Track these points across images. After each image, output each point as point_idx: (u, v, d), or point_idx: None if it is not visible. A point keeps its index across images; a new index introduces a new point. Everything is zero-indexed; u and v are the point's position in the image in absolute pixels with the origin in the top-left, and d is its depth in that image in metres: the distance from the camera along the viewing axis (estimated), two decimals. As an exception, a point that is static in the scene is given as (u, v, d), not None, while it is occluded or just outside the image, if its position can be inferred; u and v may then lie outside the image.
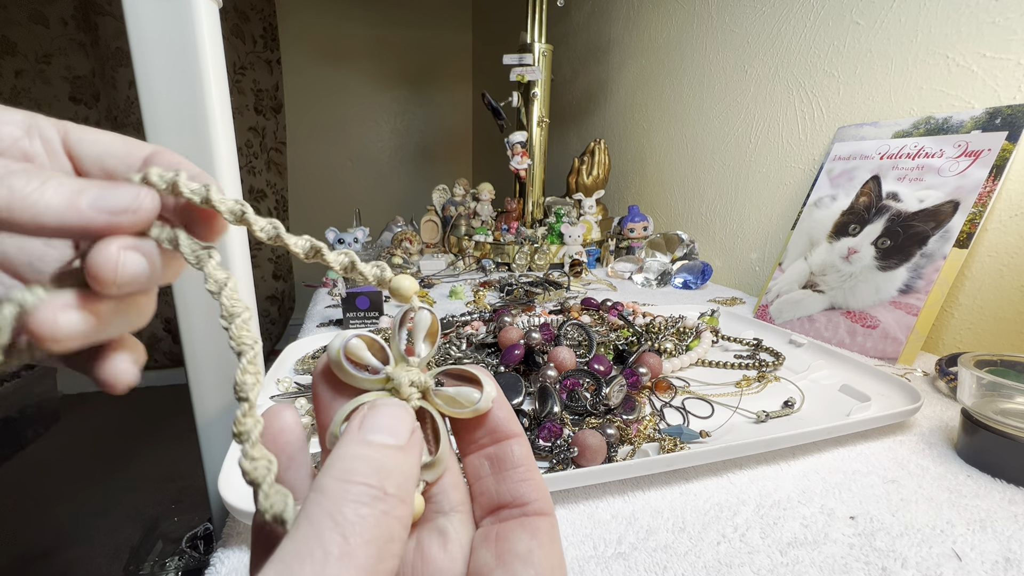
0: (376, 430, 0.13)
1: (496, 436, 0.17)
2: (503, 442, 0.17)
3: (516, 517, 0.16)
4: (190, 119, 0.40)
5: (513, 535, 0.15)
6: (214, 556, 0.29)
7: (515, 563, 0.14)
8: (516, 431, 0.17)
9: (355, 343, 0.16)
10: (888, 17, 0.67)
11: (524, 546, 0.15)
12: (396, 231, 1.03)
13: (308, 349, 0.55)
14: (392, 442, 0.13)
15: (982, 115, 0.57)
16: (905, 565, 0.28)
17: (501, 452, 0.16)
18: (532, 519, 0.16)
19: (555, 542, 0.15)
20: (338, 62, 2.30)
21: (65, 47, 1.75)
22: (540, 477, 0.17)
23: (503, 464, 0.16)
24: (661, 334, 0.57)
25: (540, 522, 0.16)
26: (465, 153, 2.65)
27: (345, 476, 0.12)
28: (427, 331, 0.17)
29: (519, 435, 0.17)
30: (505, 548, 0.15)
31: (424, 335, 0.17)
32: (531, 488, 0.16)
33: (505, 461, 0.16)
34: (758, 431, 0.41)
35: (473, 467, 0.17)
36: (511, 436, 0.17)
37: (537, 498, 0.16)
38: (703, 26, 1.00)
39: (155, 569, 0.82)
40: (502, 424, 0.17)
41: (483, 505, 0.16)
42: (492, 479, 0.16)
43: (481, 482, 0.17)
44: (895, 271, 0.59)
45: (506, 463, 0.16)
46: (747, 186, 0.92)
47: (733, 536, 0.30)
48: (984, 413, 0.37)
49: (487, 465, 0.17)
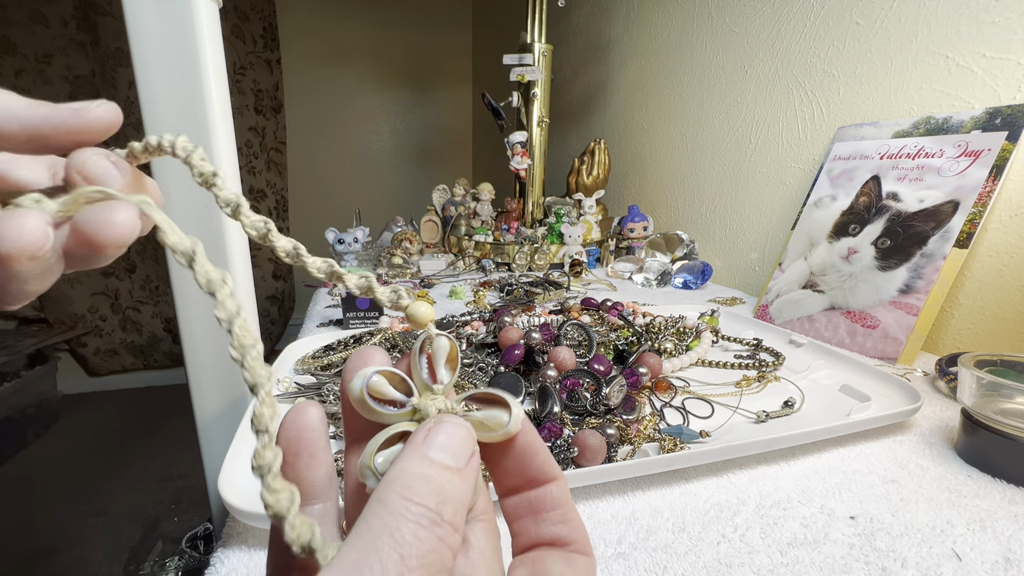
0: (439, 448, 0.14)
1: (536, 482, 0.16)
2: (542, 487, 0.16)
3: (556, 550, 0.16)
4: (190, 119, 0.40)
5: (550, 561, 0.15)
6: (214, 556, 0.29)
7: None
8: (555, 474, 0.17)
9: (376, 380, 0.15)
10: (888, 17, 0.67)
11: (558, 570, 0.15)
12: (396, 231, 1.03)
13: (308, 349, 0.55)
14: (452, 464, 0.13)
15: (982, 115, 0.57)
16: (905, 565, 0.28)
17: (539, 495, 0.16)
18: (572, 556, 0.16)
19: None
20: (338, 62, 2.30)
21: (65, 47, 1.75)
22: (579, 518, 0.17)
23: (543, 505, 0.16)
24: (661, 334, 0.57)
25: (579, 560, 0.16)
26: (465, 153, 2.65)
27: (407, 493, 0.12)
28: (447, 357, 0.17)
29: (558, 478, 0.17)
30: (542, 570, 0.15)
31: (444, 361, 0.17)
32: (570, 530, 0.16)
33: (545, 502, 0.16)
34: (758, 431, 0.41)
35: (511, 507, 0.17)
36: (550, 480, 0.17)
37: (576, 539, 0.16)
38: (703, 26, 1.00)
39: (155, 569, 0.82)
40: (542, 470, 0.16)
41: (521, 544, 0.17)
42: (531, 520, 0.16)
43: (520, 522, 0.17)
44: (895, 271, 0.59)
45: (545, 504, 0.16)
46: (747, 186, 0.92)
47: (733, 536, 0.30)
48: (984, 413, 0.37)
49: (525, 505, 0.17)
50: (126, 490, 1.48)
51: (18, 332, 1.83)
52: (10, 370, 1.68)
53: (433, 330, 0.17)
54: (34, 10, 1.70)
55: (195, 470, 1.51)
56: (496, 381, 0.43)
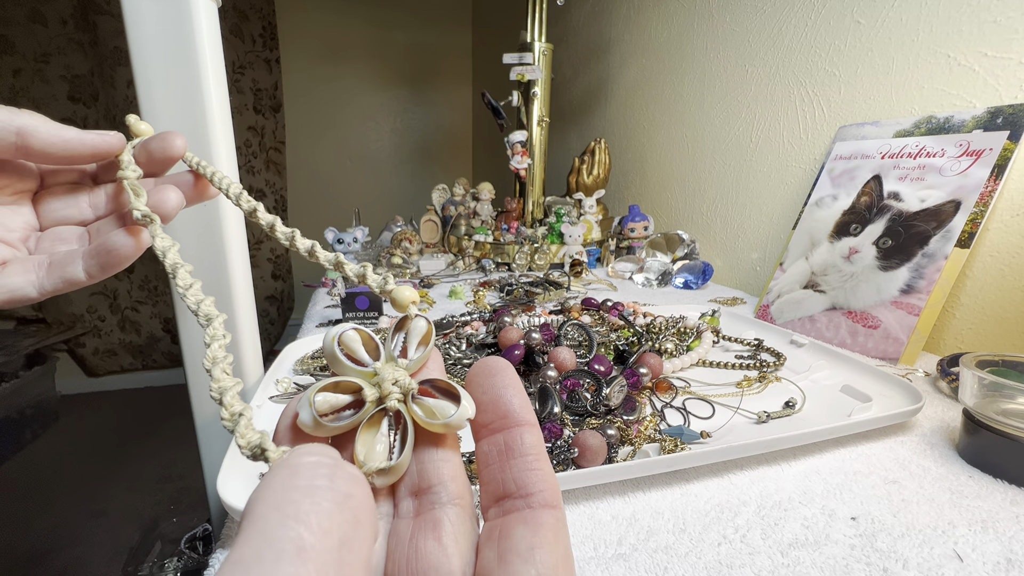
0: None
1: (507, 422, 0.16)
2: (513, 429, 0.16)
3: (520, 509, 0.15)
4: (189, 118, 0.40)
5: (515, 532, 0.15)
6: (213, 557, 0.29)
7: (516, 562, 0.14)
8: (528, 420, 0.16)
9: (351, 335, 0.16)
10: (889, 16, 0.67)
11: (525, 544, 0.14)
12: (396, 231, 1.03)
13: (307, 349, 0.55)
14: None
15: (984, 114, 0.57)
16: (906, 566, 0.28)
17: (511, 439, 0.16)
18: (536, 512, 0.15)
19: (559, 538, 0.15)
20: (338, 61, 2.29)
21: (64, 46, 1.75)
22: (549, 468, 0.16)
23: (511, 451, 0.16)
24: (662, 334, 0.57)
25: (544, 516, 0.15)
26: (465, 153, 2.65)
27: (292, 457, 0.12)
28: (421, 338, 0.17)
29: (531, 424, 0.16)
30: (506, 546, 0.14)
31: (418, 341, 0.17)
32: (538, 478, 0.16)
33: (514, 448, 0.16)
34: (759, 432, 0.41)
35: (483, 453, 0.17)
36: (522, 424, 0.16)
37: (543, 488, 0.15)
38: (704, 25, 1.00)
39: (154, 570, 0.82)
40: (515, 411, 0.16)
41: (489, 493, 0.16)
42: (499, 466, 0.16)
43: (489, 469, 0.16)
44: (896, 271, 0.59)
45: (514, 450, 0.16)
46: (748, 186, 0.92)
47: (734, 537, 0.30)
48: (986, 413, 0.37)
49: (495, 451, 0.16)
50: (125, 491, 1.48)
51: (16, 332, 1.83)
52: (9, 370, 1.67)
53: (413, 311, 0.17)
54: (33, 9, 1.70)
55: (194, 471, 1.51)
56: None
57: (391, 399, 0.16)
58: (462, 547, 0.15)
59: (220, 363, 0.16)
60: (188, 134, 0.41)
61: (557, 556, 0.14)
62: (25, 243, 0.24)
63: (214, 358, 0.16)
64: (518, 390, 0.17)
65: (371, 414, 0.16)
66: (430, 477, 0.16)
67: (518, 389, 0.17)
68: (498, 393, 0.17)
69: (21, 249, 0.23)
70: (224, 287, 0.43)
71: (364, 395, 0.16)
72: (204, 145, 0.41)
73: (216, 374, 0.15)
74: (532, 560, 0.14)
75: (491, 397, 0.17)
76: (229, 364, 0.16)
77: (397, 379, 0.16)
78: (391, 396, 0.16)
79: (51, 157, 0.22)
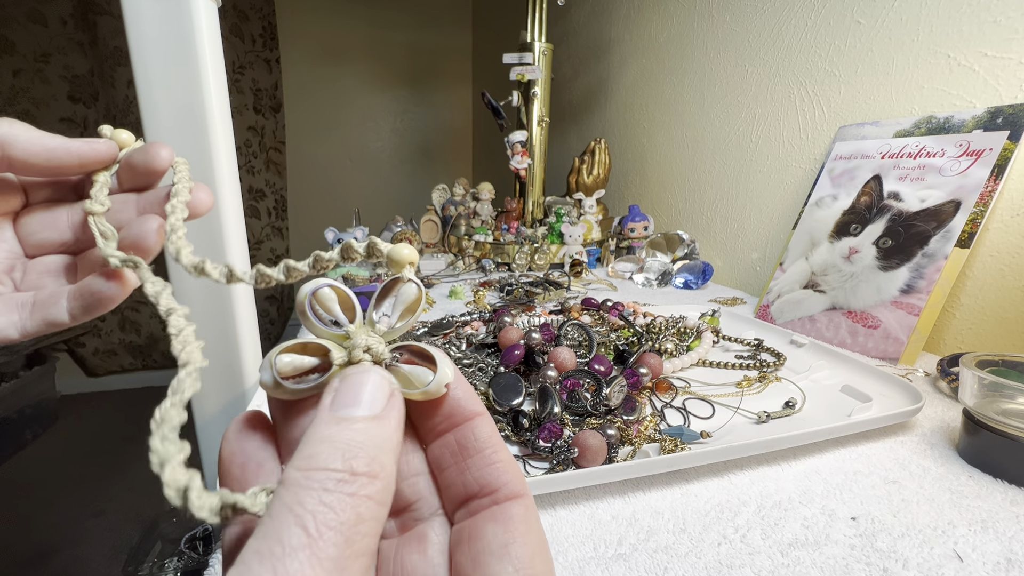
0: (346, 404, 0.13)
1: (454, 420, 0.15)
2: (462, 425, 0.15)
3: (487, 507, 0.14)
4: (189, 118, 0.40)
5: (486, 531, 0.14)
6: (213, 557, 0.29)
7: (491, 562, 0.13)
8: (476, 410, 0.15)
9: (326, 292, 0.15)
10: (889, 16, 0.67)
11: (498, 541, 0.13)
12: (396, 231, 1.03)
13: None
14: (365, 413, 0.12)
15: (984, 114, 0.57)
16: (906, 566, 0.28)
17: (461, 437, 0.15)
18: (503, 506, 0.14)
19: (531, 527, 0.14)
20: (338, 61, 2.29)
21: (64, 46, 1.75)
22: (509, 457, 0.15)
23: (466, 450, 0.15)
24: (662, 334, 0.57)
25: (513, 508, 0.14)
26: (465, 153, 2.65)
27: (308, 464, 0.11)
28: (407, 305, 0.16)
29: (480, 414, 0.15)
30: (479, 548, 0.14)
31: (404, 308, 0.16)
32: (499, 472, 0.15)
33: (467, 447, 0.15)
34: (759, 432, 0.41)
35: (435, 457, 0.15)
36: (470, 417, 0.15)
37: (508, 481, 0.14)
38: (704, 25, 1.00)
39: (154, 570, 0.82)
40: (459, 405, 0.15)
41: (451, 498, 0.15)
42: (456, 468, 0.15)
43: (445, 473, 0.15)
44: (896, 271, 0.59)
45: (468, 449, 0.15)
46: (748, 186, 0.92)
47: (734, 537, 0.30)
48: (986, 413, 0.37)
49: (448, 454, 0.15)
50: (125, 491, 1.48)
51: (17, 332, 1.83)
52: (8, 370, 1.67)
53: (408, 273, 0.16)
54: (33, 9, 1.70)
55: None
56: (496, 381, 0.42)
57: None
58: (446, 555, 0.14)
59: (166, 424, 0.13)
60: (188, 134, 0.41)
61: (531, 547, 0.14)
62: (10, 274, 0.21)
63: (162, 419, 0.13)
64: (459, 382, 0.15)
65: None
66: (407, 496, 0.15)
67: (459, 381, 0.15)
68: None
69: (6, 283, 0.21)
70: (224, 287, 0.43)
71: (332, 358, 0.14)
72: (204, 145, 0.41)
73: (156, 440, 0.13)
74: (507, 556, 0.13)
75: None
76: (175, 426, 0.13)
77: (370, 346, 0.14)
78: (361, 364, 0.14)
79: (34, 168, 0.20)
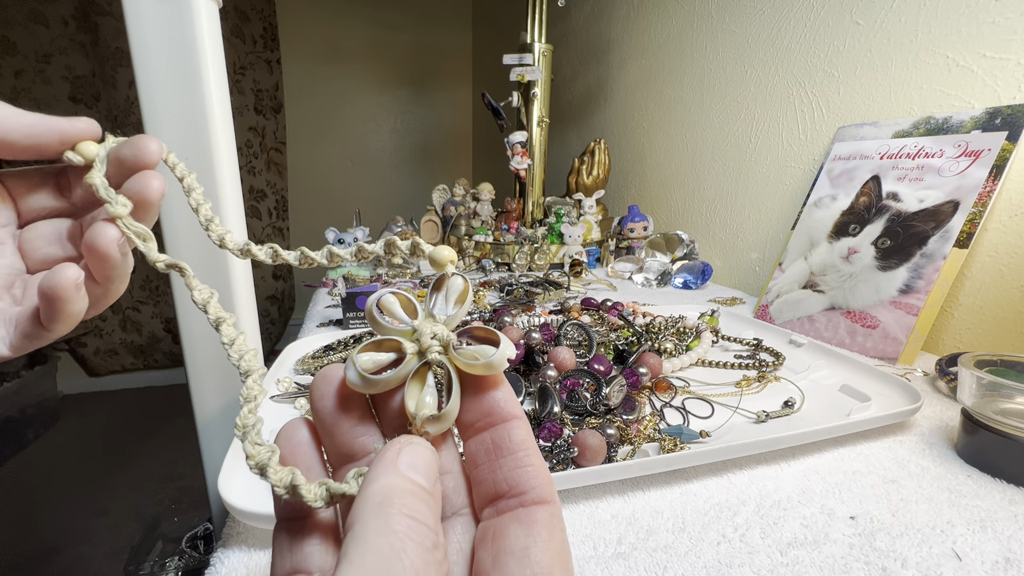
0: (411, 468, 0.14)
1: (492, 419, 0.16)
2: (500, 425, 0.16)
3: (513, 508, 0.15)
4: (190, 119, 0.40)
5: (509, 532, 0.14)
6: (214, 556, 0.29)
7: (511, 563, 0.13)
8: (514, 413, 0.16)
9: (389, 298, 0.17)
10: (888, 17, 0.67)
11: (520, 544, 0.14)
12: (396, 231, 1.03)
13: (308, 349, 0.55)
14: (424, 484, 0.14)
15: (982, 115, 0.57)
16: (905, 565, 0.28)
17: (497, 437, 0.15)
18: (529, 509, 0.14)
19: (554, 534, 0.14)
20: (338, 62, 2.30)
21: (65, 47, 1.75)
22: (541, 462, 0.15)
23: (500, 450, 0.15)
24: (661, 334, 0.57)
25: (538, 513, 0.14)
26: (465, 153, 2.65)
27: (409, 511, 0.12)
28: (458, 295, 0.18)
29: (518, 417, 0.16)
30: (500, 547, 0.14)
31: (455, 299, 0.18)
32: (529, 475, 0.15)
33: (501, 447, 0.15)
34: (758, 431, 0.41)
35: (470, 453, 0.16)
36: (508, 418, 0.16)
37: (536, 485, 0.15)
38: (703, 26, 1.00)
39: (155, 569, 0.82)
40: (499, 406, 0.16)
41: (481, 495, 0.16)
42: (488, 466, 0.15)
43: (478, 470, 0.16)
44: (895, 271, 0.59)
45: (503, 448, 0.15)
46: (747, 186, 0.92)
47: (733, 536, 0.30)
48: (984, 413, 0.37)
49: (483, 451, 0.16)
50: (126, 490, 1.48)
51: (18, 332, 1.83)
52: (10, 370, 1.68)
53: (451, 269, 0.18)
54: (34, 10, 1.70)
55: (195, 470, 1.51)
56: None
57: (432, 352, 0.16)
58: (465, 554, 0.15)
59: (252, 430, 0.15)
60: (189, 134, 0.41)
61: (552, 553, 0.14)
62: (10, 290, 0.21)
63: (245, 425, 0.15)
64: (502, 381, 0.16)
65: (415, 368, 0.16)
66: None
67: (502, 381, 0.16)
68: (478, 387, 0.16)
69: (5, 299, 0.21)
70: (225, 287, 0.43)
71: (404, 350, 0.16)
72: (205, 146, 0.41)
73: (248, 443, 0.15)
74: (527, 560, 0.13)
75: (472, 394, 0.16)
76: (260, 430, 0.15)
77: (436, 332, 0.16)
78: (431, 349, 0.16)
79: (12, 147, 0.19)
